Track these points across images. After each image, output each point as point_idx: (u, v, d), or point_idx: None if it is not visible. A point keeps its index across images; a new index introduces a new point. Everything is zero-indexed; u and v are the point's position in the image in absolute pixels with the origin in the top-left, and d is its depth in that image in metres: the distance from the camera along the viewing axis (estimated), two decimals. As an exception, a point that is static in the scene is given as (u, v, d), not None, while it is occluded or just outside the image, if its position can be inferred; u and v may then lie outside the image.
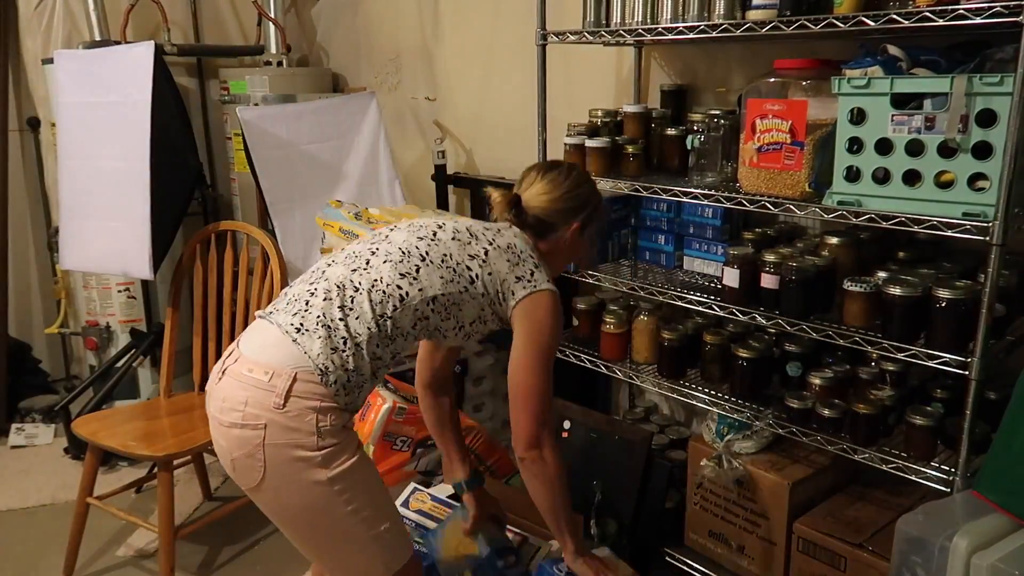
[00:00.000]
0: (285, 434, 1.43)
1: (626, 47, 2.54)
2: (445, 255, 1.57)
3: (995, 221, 1.50)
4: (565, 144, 2.28)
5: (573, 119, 2.40)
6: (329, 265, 1.58)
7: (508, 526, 1.99)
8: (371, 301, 1.50)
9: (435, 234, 1.60)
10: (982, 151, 1.52)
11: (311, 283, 1.55)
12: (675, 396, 2.15)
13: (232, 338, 2.58)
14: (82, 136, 2.78)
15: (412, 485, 2.16)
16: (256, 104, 3.23)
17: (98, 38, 3.20)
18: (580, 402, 2.47)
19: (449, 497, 2.10)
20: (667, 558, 2.26)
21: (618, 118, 2.33)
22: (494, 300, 1.60)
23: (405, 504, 2.10)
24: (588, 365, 2.36)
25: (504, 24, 2.96)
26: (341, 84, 3.75)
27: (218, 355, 2.61)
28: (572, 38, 2.23)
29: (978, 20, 1.47)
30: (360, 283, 1.51)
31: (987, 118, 1.51)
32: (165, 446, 2.25)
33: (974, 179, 1.54)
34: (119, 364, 3.14)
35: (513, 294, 1.59)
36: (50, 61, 2.99)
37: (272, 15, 3.52)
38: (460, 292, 1.56)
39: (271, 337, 1.49)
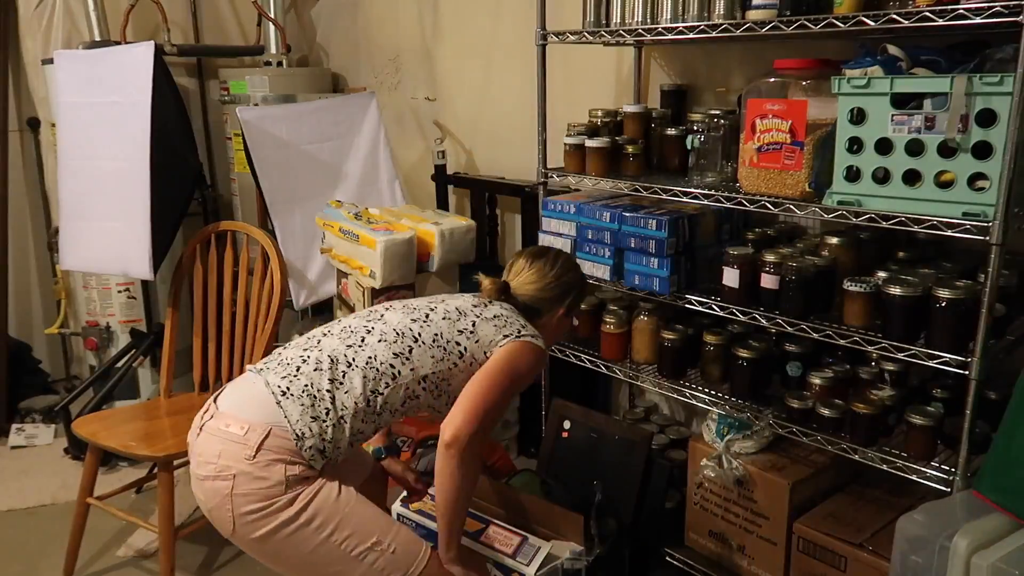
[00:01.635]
0: (253, 483, 1.48)
1: (626, 47, 2.54)
2: (436, 335, 1.64)
3: (995, 221, 1.50)
4: (565, 144, 2.28)
5: (573, 119, 2.40)
6: (325, 336, 1.64)
7: (507, 526, 1.99)
8: (364, 378, 1.56)
9: (427, 316, 1.67)
10: (982, 151, 1.52)
11: (305, 349, 1.61)
12: (675, 396, 2.15)
13: (232, 338, 2.59)
14: (82, 136, 2.78)
15: (412, 485, 2.16)
16: (256, 104, 3.23)
17: (98, 38, 3.20)
18: (580, 402, 2.47)
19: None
20: (667, 558, 2.26)
21: (618, 118, 2.33)
22: (481, 361, 1.66)
23: (405, 504, 2.10)
24: (588, 365, 2.36)
25: (504, 24, 2.96)
26: (341, 84, 3.75)
27: (218, 355, 2.62)
28: (572, 38, 2.23)
29: (978, 20, 1.47)
30: (354, 359, 1.57)
31: (987, 118, 1.51)
32: (165, 446, 2.25)
33: (974, 179, 1.54)
34: (119, 364, 3.14)
35: (498, 344, 1.66)
36: (50, 61, 2.99)
37: (272, 15, 3.52)
38: (450, 368, 1.64)
39: (255, 393, 1.54)
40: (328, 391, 1.53)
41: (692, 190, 1.98)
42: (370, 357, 1.57)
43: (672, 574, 2.25)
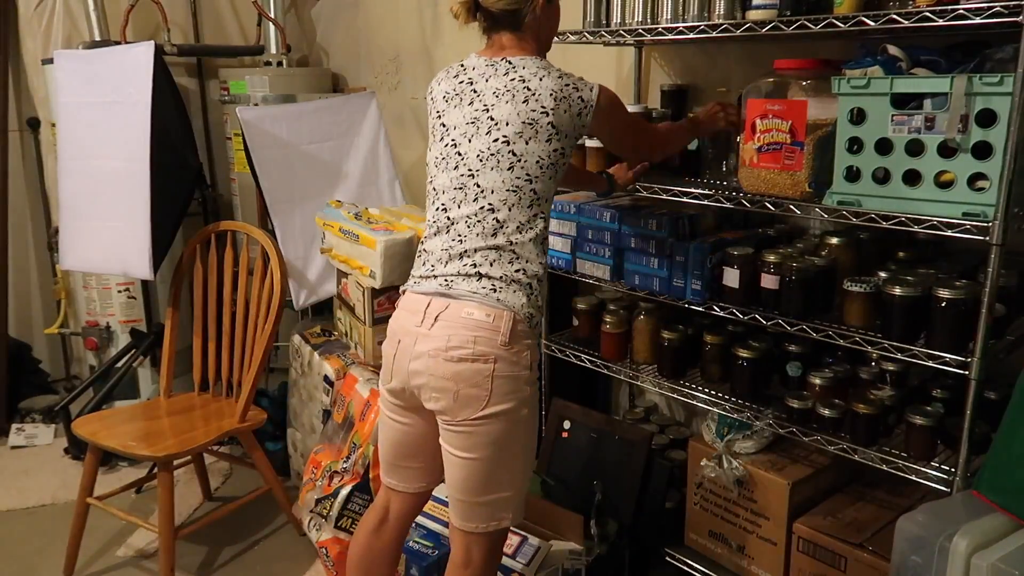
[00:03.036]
0: (510, 367, 1.59)
1: (626, 47, 2.54)
2: (539, 159, 1.64)
3: (995, 221, 1.50)
4: (565, 144, 2.27)
5: (573, 119, 2.39)
6: (461, 241, 1.64)
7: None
8: (531, 240, 1.64)
9: (513, 152, 1.63)
10: (982, 151, 1.52)
11: (464, 256, 1.63)
12: (675, 396, 2.15)
13: (232, 338, 2.59)
14: (82, 136, 2.78)
15: (412, 485, 2.16)
16: (256, 104, 3.23)
17: (98, 38, 3.20)
18: (580, 402, 2.47)
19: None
20: (667, 558, 2.26)
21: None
22: (579, 135, 1.71)
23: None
24: (588, 365, 2.36)
25: (504, 24, 2.96)
26: (341, 84, 3.75)
27: (218, 355, 2.62)
28: (572, 38, 2.23)
29: (978, 20, 1.47)
30: (512, 239, 1.63)
31: (987, 118, 1.51)
32: (165, 446, 2.25)
33: (974, 179, 1.54)
34: (119, 364, 3.14)
35: (583, 119, 1.68)
36: (50, 61, 2.99)
37: (272, 15, 3.52)
38: (564, 167, 1.70)
39: (472, 289, 1.61)
40: (519, 270, 1.63)
41: (692, 190, 1.98)
42: (519, 224, 1.63)
43: (672, 574, 2.25)
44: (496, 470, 1.62)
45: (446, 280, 1.63)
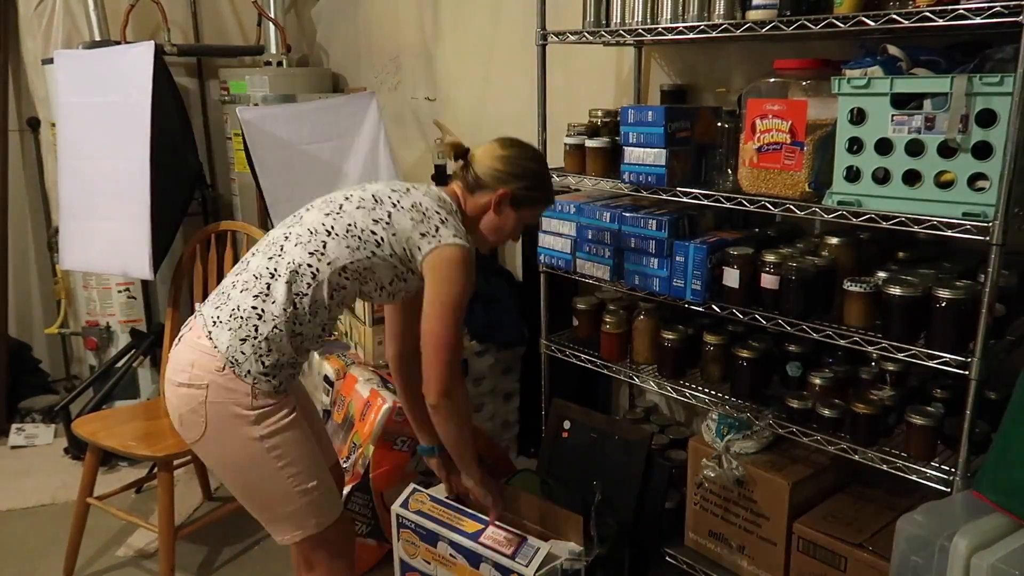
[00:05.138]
0: (223, 393, 1.58)
1: (626, 47, 2.54)
2: (350, 225, 1.64)
3: (995, 221, 1.50)
4: (565, 144, 2.28)
5: (573, 119, 2.40)
6: (253, 255, 1.68)
7: (507, 527, 1.99)
8: (287, 283, 1.60)
9: (341, 207, 1.67)
10: (982, 151, 1.52)
11: (237, 274, 1.67)
12: (675, 396, 2.15)
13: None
14: (82, 136, 2.78)
15: (412, 486, 2.16)
16: (256, 104, 3.23)
17: (98, 38, 3.21)
18: (580, 402, 2.47)
19: (447, 497, 2.10)
20: (667, 558, 2.26)
21: (618, 118, 2.33)
22: (403, 259, 1.66)
23: (404, 504, 2.10)
24: (588, 365, 2.36)
25: (504, 24, 2.96)
26: (341, 84, 3.75)
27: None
28: (572, 38, 2.23)
29: (978, 20, 1.47)
30: (276, 269, 1.62)
31: (987, 118, 1.51)
32: (165, 446, 2.25)
33: (974, 179, 1.54)
34: (119, 364, 3.14)
35: (419, 250, 1.65)
36: (50, 61, 2.99)
37: (272, 15, 3.52)
38: (368, 257, 1.64)
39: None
40: (253, 307, 1.59)
41: (692, 190, 1.98)
42: (289, 262, 1.61)
43: (672, 574, 2.25)
44: (251, 495, 1.69)
45: (208, 299, 1.72)
